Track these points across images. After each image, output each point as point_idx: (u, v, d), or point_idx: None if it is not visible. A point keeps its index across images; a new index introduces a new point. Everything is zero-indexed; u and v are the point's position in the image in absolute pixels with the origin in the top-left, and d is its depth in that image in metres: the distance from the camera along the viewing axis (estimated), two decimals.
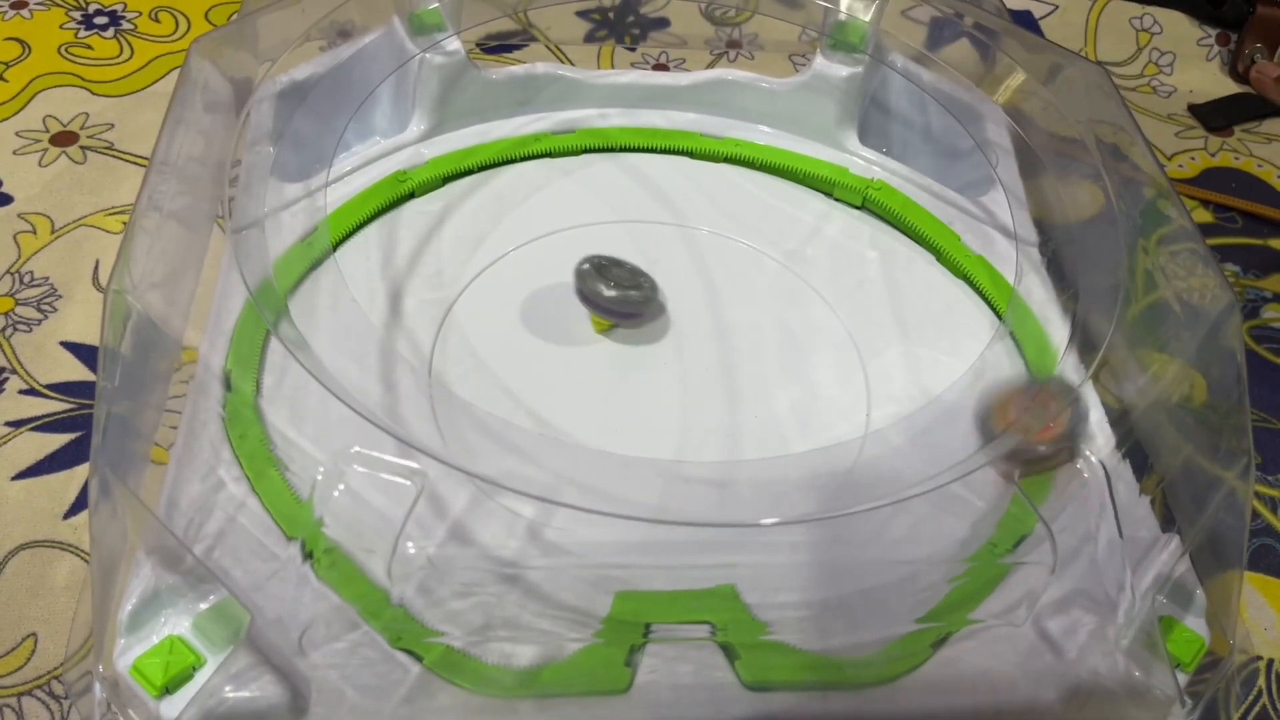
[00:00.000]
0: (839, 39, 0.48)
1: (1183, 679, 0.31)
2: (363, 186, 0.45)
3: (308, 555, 0.30)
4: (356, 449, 0.30)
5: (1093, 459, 0.34)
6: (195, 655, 0.29)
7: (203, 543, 0.32)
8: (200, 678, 0.28)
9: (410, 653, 0.30)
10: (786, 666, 0.31)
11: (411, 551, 0.30)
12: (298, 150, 0.42)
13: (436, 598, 0.31)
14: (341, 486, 0.30)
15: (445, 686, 0.30)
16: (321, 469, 0.30)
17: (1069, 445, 0.35)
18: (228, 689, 0.28)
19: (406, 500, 0.30)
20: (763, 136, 0.50)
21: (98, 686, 0.29)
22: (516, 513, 0.33)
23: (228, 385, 0.36)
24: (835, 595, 0.33)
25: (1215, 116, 0.63)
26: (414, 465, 0.30)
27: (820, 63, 0.49)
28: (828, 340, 0.42)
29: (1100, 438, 0.37)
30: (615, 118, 0.50)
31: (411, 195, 0.46)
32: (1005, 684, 0.31)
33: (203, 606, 0.29)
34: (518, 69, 0.49)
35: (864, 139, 0.50)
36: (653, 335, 0.41)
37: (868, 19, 0.48)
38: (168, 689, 0.28)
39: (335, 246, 0.43)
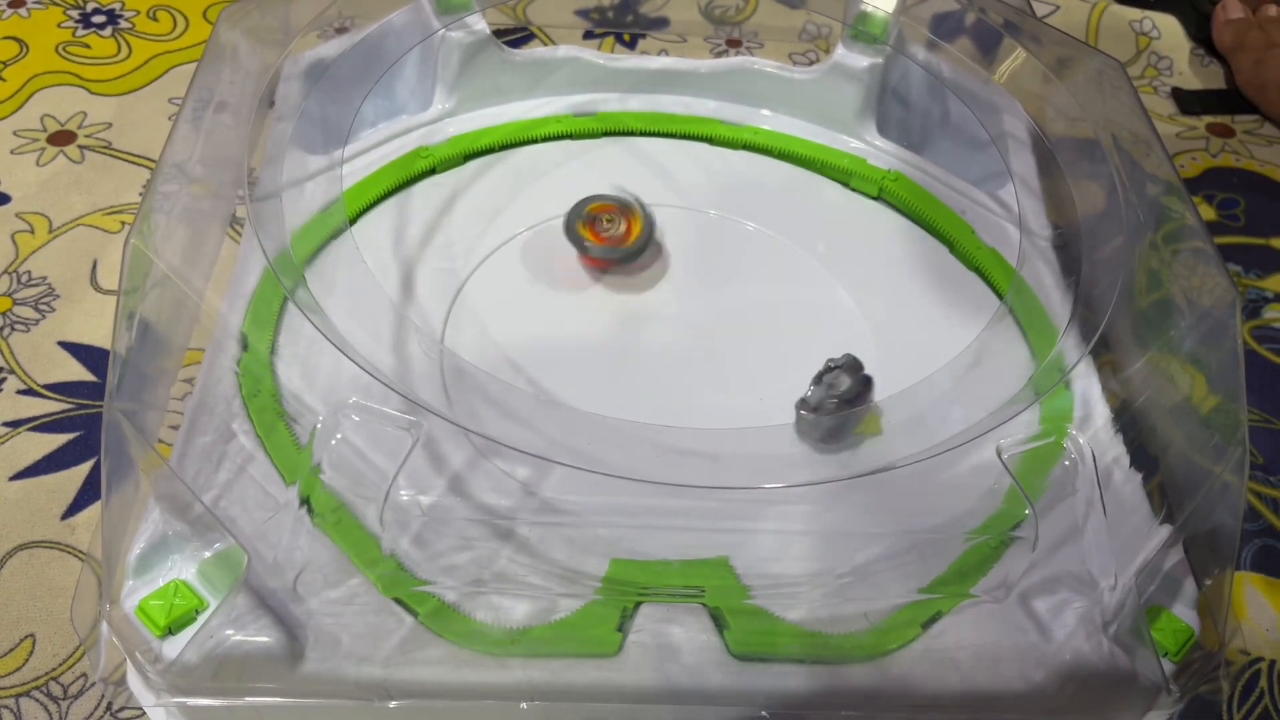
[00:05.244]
0: (860, 30, 0.49)
1: (1170, 667, 0.32)
2: (384, 161, 0.46)
3: (304, 501, 0.31)
4: (355, 399, 0.31)
5: (1085, 446, 0.34)
6: (199, 599, 0.30)
7: (211, 491, 0.33)
8: (201, 620, 0.29)
9: (403, 604, 0.31)
10: (774, 638, 0.32)
11: (404, 499, 0.30)
12: (321, 123, 0.43)
13: (432, 550, 0.31)
14: (339, 435, 0.31)
15: (437, 639, 0.31)
16: (321, 418, 0.31)
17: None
18: (227, 631, 0.29)
19: (402, 451, 0.30)
20: (781, 125, 0.50)
21: (104, 625, 0.30)
22: (511, 475, 0.34)
23: (244, 345, 0.37)
24: (828, 567, 0.33)
25: (1193, 103, 0.65)
26: (410, 417, 0.31)
27: (841, 53, 0.49)
28: (837, 320, 0.43)
29: (1097, 426, 0.37)
30: (635, 102, 0.51)
31: (432, 171, 0.47)
32: (993, 663, 0.32)
33: (208, 554, 0.30)
34: (540, 50, 0.50)
35: (883, 130, 0.50)
36: (662, 312, 0.42)
37: (890, 10, 0.48)
38: (170, 630, 0.29)
39: (354, 219, 0.44)
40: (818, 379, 0.37)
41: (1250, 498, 0.45)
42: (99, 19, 0.64)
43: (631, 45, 0.64)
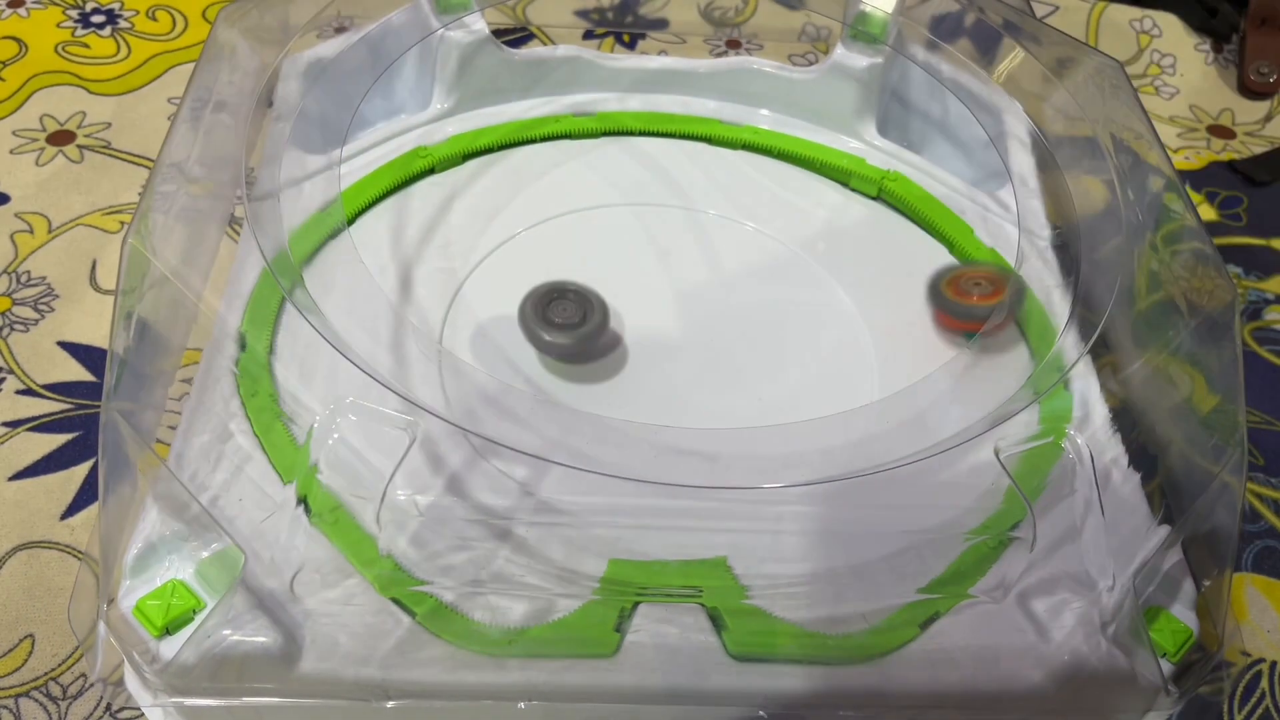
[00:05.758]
0: (860, 30, 0.49)
1: (1168, 668, 0.32)
2: (382, 160, 0.46)
3: (301, 501, 0.31)
4: (351, 399, 0.31)
5: (1083, 445, 0.34)
6: (196, 599, 0.30)
7: (209, 491, 0.33)
8: (198, 620, 0.29)
9: (401, 604, 0.31)
10: (773, 638, 0.32)
11: (402, 499, 0.30)
12: (320, 123, 0.43)
13: (430, 550, 0.31)
14: (336, 435, 0.31)
15: (435, 640, 0.30)
16: (318, 418, 0.31)
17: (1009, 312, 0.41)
18: (225, 631, 0.29)
19: (399, 450, 0.30)
20: (781, 125, 0.50)
21: (102, 625, 0.30)
22: (509, 475, 0.34)
23: (242, 345, 0.37)
24: (826, 567, 0.33)
25: (1261, 170, 0.60)
26: (408, 416, 0.31)
27: (840, 53, 0.49)
28: (837, 320, 0.42)
29: (1096, 427, 0.37)
30: (635, 102, 0.51)
31: (431, 171, 0.46)
32: (991, 663, 0.32)
33: (205, 554, 0.30)
34: (540, 50, 0.50)
35: (882, 130, 0.50)
36: (661, 312, 0.42)
37: (890, 10, 0.48)
38: (168, 630, 0.29)
39: (353, 219, 0.44)
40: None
41: (1250, 499, 0.45)
42: (98, 19, 0.64)
43: (631, 45, 0.64)
